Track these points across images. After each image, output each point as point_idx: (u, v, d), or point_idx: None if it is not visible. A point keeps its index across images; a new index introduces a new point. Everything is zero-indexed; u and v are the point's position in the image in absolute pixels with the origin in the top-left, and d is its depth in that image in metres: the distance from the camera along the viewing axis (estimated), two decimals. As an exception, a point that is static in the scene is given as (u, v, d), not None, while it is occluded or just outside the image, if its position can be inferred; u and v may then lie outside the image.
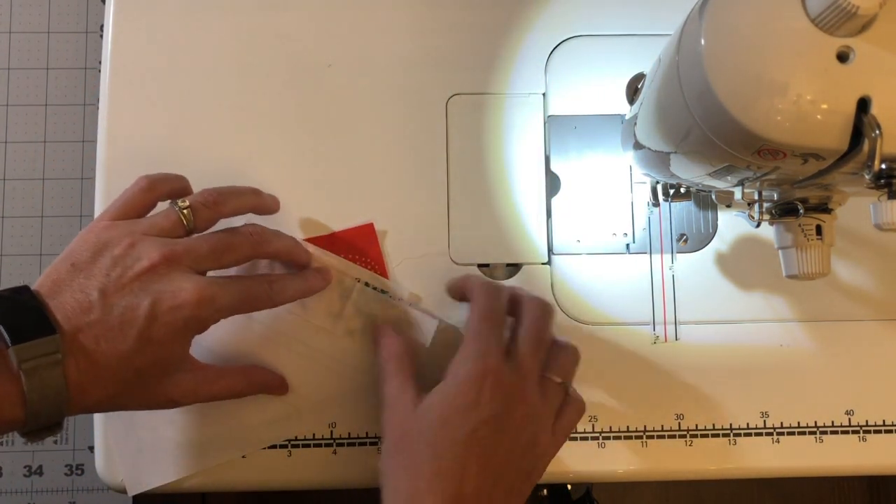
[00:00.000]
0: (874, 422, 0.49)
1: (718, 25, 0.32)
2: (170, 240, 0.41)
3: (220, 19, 0.53)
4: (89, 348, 0.38)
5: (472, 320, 0.44)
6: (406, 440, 0.41)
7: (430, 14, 0.53)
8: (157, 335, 0.39)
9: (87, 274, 0.39)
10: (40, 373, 0.36)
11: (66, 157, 1.16)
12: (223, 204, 0.44)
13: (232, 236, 0.43)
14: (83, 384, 0.38)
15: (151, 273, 0.39)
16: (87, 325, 0.38)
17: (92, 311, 0.38)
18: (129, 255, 0.39)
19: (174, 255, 0.40)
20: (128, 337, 0.38)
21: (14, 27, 1.18)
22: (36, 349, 0.36)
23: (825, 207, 0.40)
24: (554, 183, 0.52)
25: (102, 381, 0.38)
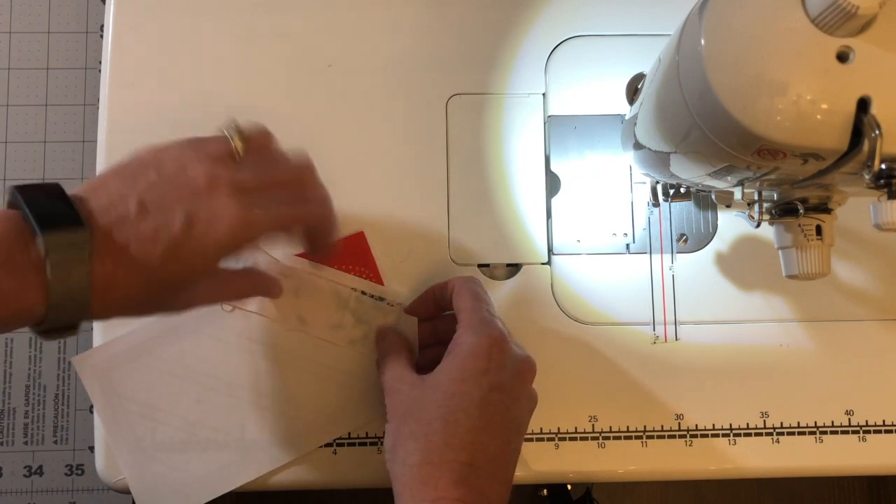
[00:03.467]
0: (874, 422, 0.49)
1: (718, 25, 0.32)
2: (217, 165, 0.40)
3: (220, 19, 0.53)
4: (119, 251, 0.37)
5: (463, 300, 0.45)
6: (413, 415, 0.42)
7: (430, 14, 0.53)
8: (187, 251, 0.38)
9: (131, 183, 0.38)
10: (67, 267, 0.35)
11: (66, 157, 1.16)
12: (269, 142, 0.43)
13: (279, 170, 0.42)
14: (107, 286, 0.36)
15: (193, 193, 0.38)
16: (121, 227, 0.37)
17: (128, 215, 0.37)
18: (177, 173, 0.39)
19: (218, 179, 0.39)
20: (158, 247, 0.37)
21: (14, 27, 1.18)
22: (65, 240, 0.35)
23: (825, 207, 0.40)
24: (554, 183, 0.52)
25: (126, 286, 0.37)
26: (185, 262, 0.38)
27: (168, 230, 0.37)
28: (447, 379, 0.42)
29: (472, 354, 0.42)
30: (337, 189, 0.51)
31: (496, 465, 0.41)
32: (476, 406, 0.41)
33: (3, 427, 1.11)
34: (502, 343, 0.43)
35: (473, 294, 0.46)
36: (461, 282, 0.47)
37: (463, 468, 0.39)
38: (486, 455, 0.40)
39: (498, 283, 0.51)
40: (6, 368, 1.12)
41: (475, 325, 0.43)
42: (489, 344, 0.42)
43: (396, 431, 0.42)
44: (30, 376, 1.13)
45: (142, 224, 0.37)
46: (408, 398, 0.43)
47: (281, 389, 0.49)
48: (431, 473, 0.39)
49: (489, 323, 0.43)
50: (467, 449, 0.40)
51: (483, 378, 0.41)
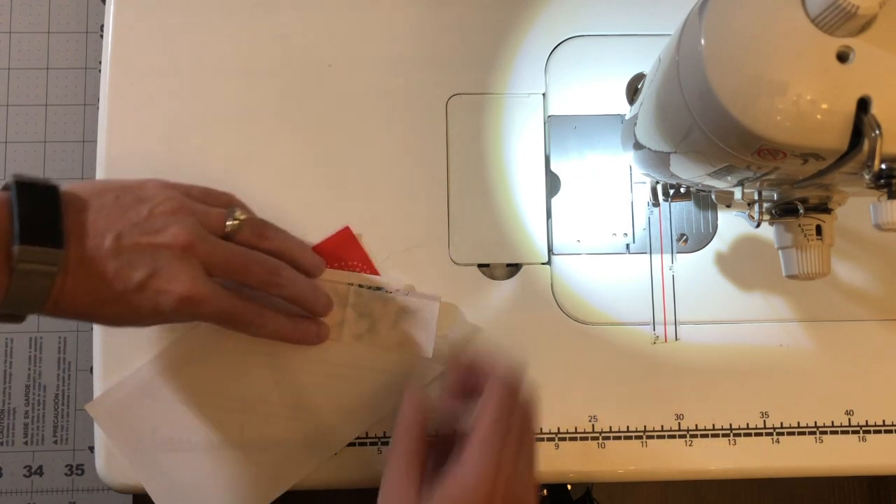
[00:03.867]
0: (874, 422, 0.49)
1: (718, 25, 0.32)
2: (203, 232, 0.42)
3: (221, 19, 0.53)
4: (80, 275, 0.39)
5: (484, 418, 0.39)
6: None
7: (430, 14, 0.53)
8: (136, 301, 0.40)
9: (121, 212, 0.40)
10: (32, 277, 0.37)
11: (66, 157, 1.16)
12: (268, 239, 0.45)
13: (253, 263, 0.44)
14: (61, 299, 0.39)
15: (167, 249, 0.40)
16: (92, 258, 0.39)
17: (102, 246, 0.39)
18: (162, 220, 0.41)
19: (193, 246, 0.41)
20: (113, 289, 0.39)
21: (14, 27, 1.18)
22: (39, 256, 0.37)
23: (825, 207, 0.40)
24: (554, 183, 0.52)
25: (77, 304, 0.40)
26: (135, 306, 0.40)
27: (128, 277, 0.40)
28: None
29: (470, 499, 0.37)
30: (337, 189, 0.51)
31: None
32: None
33: (3, 427, 1.11)
34: (506, 498, 0.38)
35: (498, 416, 0.39)
36: (495, 388, 0.40)
37: None
38: None
39: (498, 283, 0.51)
40: (6, 368, 1.12)
41: (482, 464, 0.38)
42: (490, 494, 0.37)
43: None
44: (30, 376, 1.13)
45: (109, 262, 0.39)
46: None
47: (297, 396, 0.48)
48: None
49: (499, 467, 0.38)
50: None
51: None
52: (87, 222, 0.39)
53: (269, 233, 0.46)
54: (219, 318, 0.43)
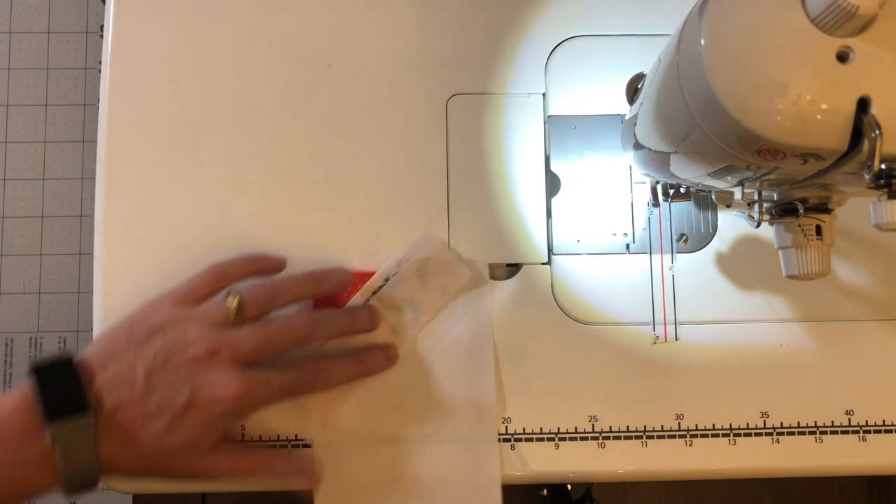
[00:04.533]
0: (874, 422, 0.49)
1: (718, 25, 0.32)
2: (217, 332, 0.42)
3: (220, 19, 0.53)
4: (124, 427, 0.40)
5: None
6: None
7: (430, 14, 0.53)
8: (190, 423, 0.41)
9: (139, 351, 0.41)
10: (74, 453, 0.38)
11: (66, 157, 1.16)
12: (276, 298, 0.45)
13: (278, 333, 0.44)
14: (113, 458, 0.40)
15: (195, 364, 0.41)
16: (126, 403, 0.40)
17: (134, 389, 0.40)
18: (179, 342, 0.41)
19: (217, 349, 0.41)
20: (161, 421, 0.40)
21: (14, 27, 1.18)
22: (72, 428, 0.38)
23: (825, 207, 0.40)
24: (554, 183, 0.52)
25: (132, 456, 0.41)
26: (190, 430, 0.41)
27: (172, 404, 0.40)
28: None
29: None
30: (336, 189, 0.51)
31: None
32: None
33: (3, 427, 1.11)
34: None
35: None
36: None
37: None
38: None
39: (498, 283, 0.51)
40: (6, 368, 1.12)
41: None
42: None
43: None
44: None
45: (147, 401, 0.40)
46: None
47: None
48: None
49: None
50: None
51: None
52: (110, 374, 0.40)
53: (274, 292, 0.45)
54: (280, 397, 0.43)
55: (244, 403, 0.41)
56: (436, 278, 0.49)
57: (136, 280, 0.50)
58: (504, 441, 0.49)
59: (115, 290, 0.50)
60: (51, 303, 1.16)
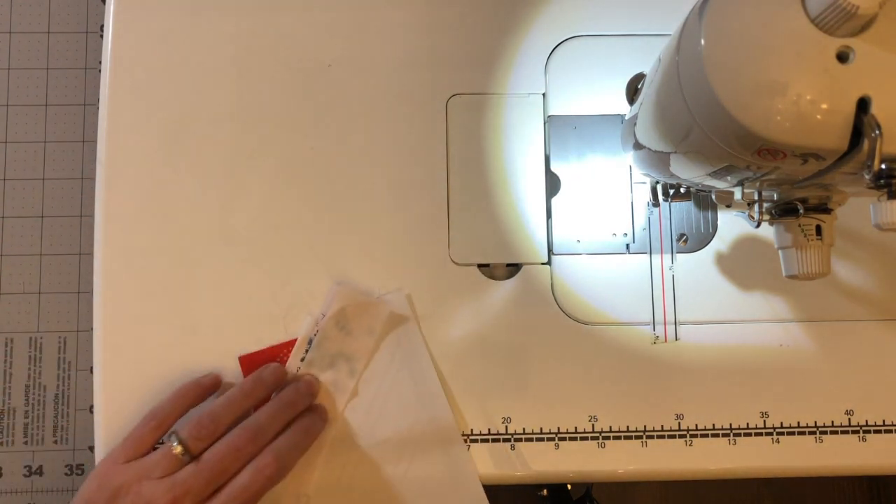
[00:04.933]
0: (874, 422, 0.49)
1: (718, 25, 0.32)
2: (171, 482, 0.43)
3: (220, 19, 0.53)
4: None
5: None
6: None
7: (430, 14, 0.53)
8: None
9: None
10: None
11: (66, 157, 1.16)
12: (217, 426, 0.45)
13: (227, 460, 0.44)
14: None
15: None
16: None
17: None
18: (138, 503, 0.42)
19: (178, 498, 0.42)
20: None
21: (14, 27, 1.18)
22: None
23: (825, 207, 0.40)
24: (554, 183, 0.52)
25: None
26: None
27: None
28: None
29: None
30: (336, 189, 0.51)
31: None
32: None
33: (3, 427, 1.11)
34: None
35: None
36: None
37: None
38: None
39: (498, 283, 0.51)
40: (6, 368, 1.12)
41: None
42: None
43: None
44: (30, 376, 1.13)
45: None
46: None
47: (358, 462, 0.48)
48: None
49: None
50: None
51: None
52: None
53: (213, 422, 0.45)
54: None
55: None
56: (358, 323, 0.49)
57: (136, 280, 0.50)
58: (504, 441, 0.49)
59: (115, 290, 0.50)
60: (51, 303, 1.16)
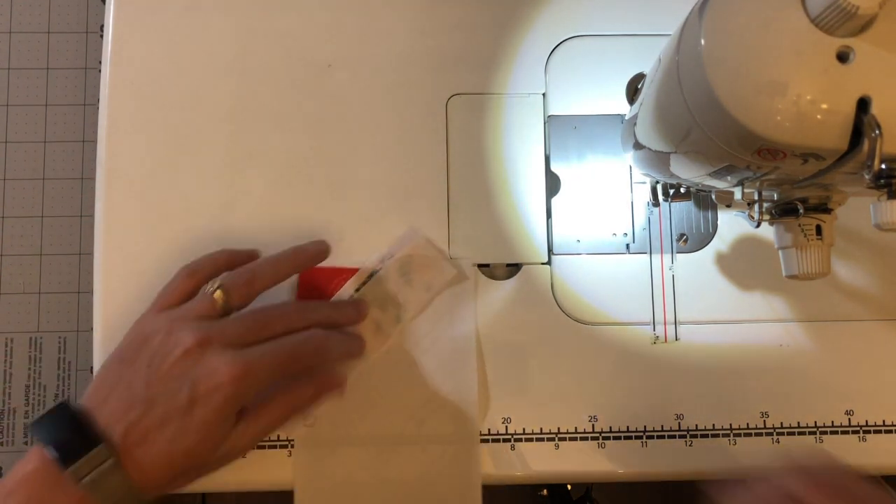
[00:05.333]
0: (874, 422, 0.49)
1: (718, 25, 0.32)
2: (204, 322, 0.42)
3: (220, 19, 0.53)
4: (142, 446, 0.39)
5: None
6: None
7: (430, 14, 0.53)
8: (200, 417, 0.40)
9: (133, 368, 0.41)
10: (102, 483, 0.38)
11: (66, 157, 1.16)
12: (257, 281, 0.44)
13: (267, 316, 0.43)
14: (148, 480, 0.39)
15: (186, 358, 0.40)
16: (135, 423, 0.39)
17: (136, 406, 0.40)
18: (167, 344, 0.41)
19: (207, 338, 0.41)
20: (172, 426, 0.40)
21: (14, 27, 1.18)
22: (88, 464, 0.38)
23: (825, 207, 0.40)
24: (554, 183, 0.52)
25: (163, 470, 0.40)
26: (203, 425, 0.40)
27: (176, 408, 0.40)
28: None
29: None
30: (336, 189, 0.51)
31: None
32: None
33: (3, 427, 1.11)
34: None
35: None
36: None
37: None
38: None
39: (498, 283, 0.51)
40: (6, 368, 1.12)
41: None
42: None
43: None
44: (30, 376, 1.13)
45: (152, 413, 0.40)
46: None
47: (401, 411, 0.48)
48: None
49: None
50: None
51: None
52: (111, 405, 0.40)
53: (254, 276, 0.44)
54: (280, 370, 0.42)
55: (245, 383, 0.40)
56: (419, 275, 0.49)
57: (136, 280, 0.50)
58: (504, 441, 0.49)
59: (115, 290, 0.50)
60: (51, 303, 1.15)
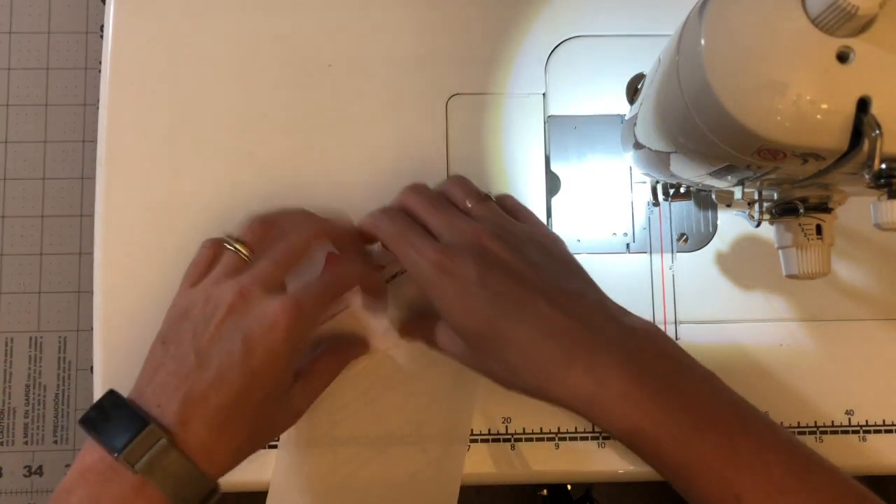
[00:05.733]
0: (874, 422, 0.49)
1: (718, 25, 0.32)
2: (238, 276, 0.41)
3: (220, 19, 0.53)
4: (200, 410, 0.37)
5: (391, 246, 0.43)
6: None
7: (430, 14, 0.53)
8: (259, 366, 0.38)
9: (178, 343, 0.39)
10: (158, 465, 0.36)
11: (66, 157, 1.16)
12: (273, 225, 0.43)
13: (292, 245, 0.42)
14: (213, 453, 0.38)
15: (231, 314, 0.39)
16: (190, 392, 0.38)
17: (189, 377, 0.38)
18: (207, 309, 0.40)
19: (246, 288, 0.40)
20: (234, 381, 0.38)
21: (14, 27, 1.18)
22: (140, 447, 0.36)
23: (825, 207, 0.40)
24: (554, 183, 0.52)
25: (227, 434, 0.38)
26: (265, 374, 0.39)
27: (231, 362, 0.38)
28: None
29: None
30: (336, 189, 0.51)
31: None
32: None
33: (3, 427, 1.11)
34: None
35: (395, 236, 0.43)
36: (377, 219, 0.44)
37: None
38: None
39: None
40: (6, 368, 1.12)
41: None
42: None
43: None
44: (30, 376, 1.13)
45: (205, 376, 0.38)
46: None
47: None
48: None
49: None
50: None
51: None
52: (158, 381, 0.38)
53: (268, 221, 0.43)
54: (329, 298, 0.42)
55: (298, 321, 0.39)
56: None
57: (137, 279, 0.50)
58: (504, 441, 0.49)
59: (115, 290, 0.50)
60: (51, 302, 1.16)
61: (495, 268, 0.40)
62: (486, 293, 0.39)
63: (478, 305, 0.39)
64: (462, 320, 0.40)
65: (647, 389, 0.37)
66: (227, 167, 0.51)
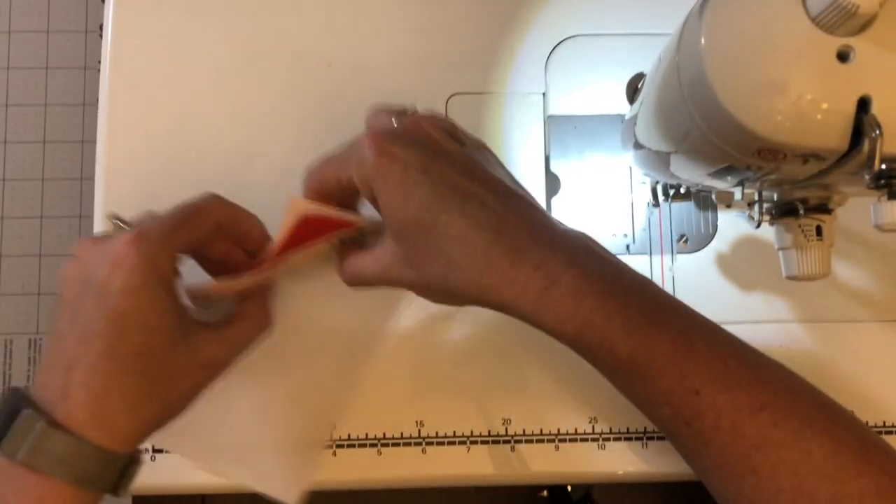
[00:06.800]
0: (874, 422, 0.49)
1: (718, 25, 0.32)
2: (143, 228, 0.38)
3: (220, 19, 0.53)
4: (77, 378, 0.35)
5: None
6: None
7: (430, 14, 0.53)
8: (118, 305, 0.35)
9: (55, 321, 0.38)
10: (42, 450, 0.34)
11: (66, 157, 1.16)
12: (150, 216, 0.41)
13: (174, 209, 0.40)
14: (100, 415, 0.35)
15: (77, 267, 0.38)
16: (65, 360, 0.36)
17: (60, 350, 0.36)
18: (73, 279, 0.38)
19: (94, 240, 0.38)
20: (99, 331, 0.35)
21: (14, 27, 1.18)
22: (19, 435, 0.34)
23: (825, 207, 0.40)
24: (554, 183, 0.52)
25: (115, 393, 0.35)
26: (131, 319, 0.36)
27: (90, 313, 0.36)
28: None
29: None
30: (337, 189, 0.51)
31: None
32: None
33: (3, 427, 1.11)
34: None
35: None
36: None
37: None
38: None
39: (498, 284, 0.51)
40: (6, 369, 1.12)
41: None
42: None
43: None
44: (29, 377, 1.13)
45: (70, 339, 0.36)
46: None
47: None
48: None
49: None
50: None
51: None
52: (40, 367, 0.36)
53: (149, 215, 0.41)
54: (183, 226, 0.40)
55: (146, 251, 0.37)
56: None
57: (136, 280, 0.49)
58: (504, 442, 0.49)
59: (114, 290, 0.50)
60: (50, 303, 1.15)
61: (440, 156, 0.38)
62: (429, 180, 0.37)
63: (421, 192, 0.37)
64: (403, 210, 0.37)
65: (596, 287, 0.36)
66: (226, 167, 0.51)
